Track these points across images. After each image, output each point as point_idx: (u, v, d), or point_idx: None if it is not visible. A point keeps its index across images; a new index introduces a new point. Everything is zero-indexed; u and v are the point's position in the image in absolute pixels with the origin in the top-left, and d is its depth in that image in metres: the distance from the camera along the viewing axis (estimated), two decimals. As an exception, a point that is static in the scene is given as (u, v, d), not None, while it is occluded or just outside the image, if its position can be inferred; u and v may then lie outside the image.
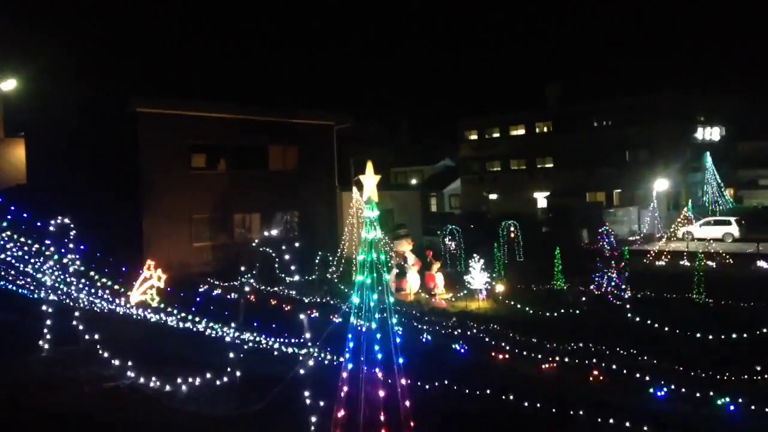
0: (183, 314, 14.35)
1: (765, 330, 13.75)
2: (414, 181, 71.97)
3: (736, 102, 62.67)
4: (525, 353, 12.95)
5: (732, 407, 9.70)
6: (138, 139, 25.51)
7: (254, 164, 29.43)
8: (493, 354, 13.10)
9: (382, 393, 8.02)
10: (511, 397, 10.23)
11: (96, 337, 13.12)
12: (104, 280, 15.34)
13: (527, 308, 17.84)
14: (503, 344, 13.59)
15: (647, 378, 11.01)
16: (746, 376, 11.08)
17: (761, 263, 25.67)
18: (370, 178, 8.32)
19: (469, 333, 14.88)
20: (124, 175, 25.90)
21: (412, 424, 8.04)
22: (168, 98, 27.05)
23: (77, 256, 15.11)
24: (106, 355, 12.66)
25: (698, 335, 13.97)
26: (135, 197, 25.45)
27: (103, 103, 27.34)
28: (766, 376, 11.05)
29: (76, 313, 13.49)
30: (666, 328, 14.60)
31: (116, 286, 15.88)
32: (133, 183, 25.50)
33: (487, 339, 14.26)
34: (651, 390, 10.56)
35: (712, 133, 60.18)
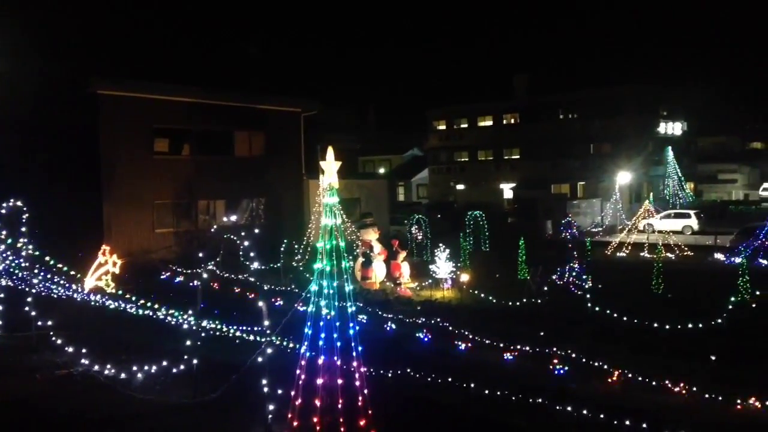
0: (141, 301, 14.06)
1: (720, 320, 14.06)
2: (382, 170, 71.93)
3: (698, 98, 64.04)
4: (487, 341, 13.02)
5: (686, 395, 9.89)
6: (99, 121, 24.88)
7: (219, 150, 28.96)
8: (455, 342, 13.14)
9: (339, 381, 7.96)
10: (472, 385, 10.28)
11: (49, 323, 12.77)
12: (59, 265, 14.94)
13: (491, 297, 17.96)
14: (466, 332, 13.64)
15: (605, 366, 11.16)
16: (701, 365, 11.31)
17: (718, 255, 26.27)
18: (331, 164, 8.20)
19: (432, 321, 14.91)
20: (84, 159, 25.24)
21: (369, 411, 7.99)
22: (130, 80, 26.38)
23: (30, 241, 14.67)
24: (59, 341, 12.33)
25: (656, 325, 14.22)
26: (95, 182, 24.85)
27: (63, 83, 26.53)
28: (720, 365, 11.28)
29: (29, 299, 13.09)
30: (625, 318, 14.83)
31: (72, 272, 15.48)
32: (93, 167, 24.88)
33: (450, 328, 14.29)
34: (608, 378, 10.72)
35: (674, 128, 61.35)
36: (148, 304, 13.82)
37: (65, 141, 26.06)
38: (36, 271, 14.80)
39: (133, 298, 14.48)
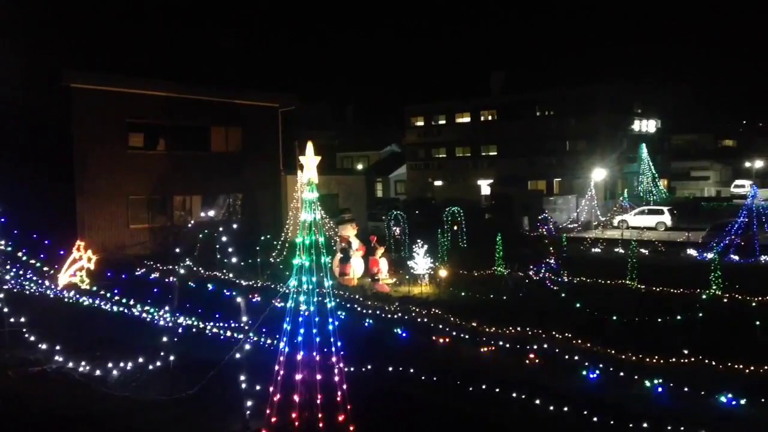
0: (116, 297, 13.90)
1: (692, 314, 14.30)
2: (360, 166, 71.81)
3: (672, 96, 65.02)
4: (465, 337, 13.10)
5: (660, 389, 10.06)
6: (72, 116, 24.53)
7: (195, 145, 28.69)
8: (433, 338, 13.20)
9: (318, 376, 7.95)
10: (449, 379, 10.34)
11: (22, 320, 12.55)
12: (32, 261, 14.70)
13: (468, 293, 18.05)
14: (444, 328, 13.71)
15: (581, 360, 11.29)
16: (674, 359, 11.50)
17: (691, 251, 26.71)
18: (310, 159, 8.18)
19: (409, 317, 14.94)
20: (57, 154, 24.85)
21: (349, 406, 8.00)
22: (104, 74, 26.02)
23: (1, 236, 14.42)
24: (32, 338, 12.13)
25: (630, 319, 14.42)
26: (69, 177, 24.49)
27: (35, 77, 26.07)
28: (692, 359, 11.48)
29: (1, 295, 12.84)
30: (599, 313, 15.00)
31: (45, 268, 15.23)
32: (66, 161, 24.52)
33: (428, 323, 14.34)
34: (584, 372, 10.85)
35: (648, 126, 62.18)
36: (124, 301, 13.67)
37: (37, 135, 25.61)
38: (8, 266, 14.55)
39: (108, 295, 14.32)
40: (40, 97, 25.63)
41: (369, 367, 10.82)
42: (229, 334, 12.61)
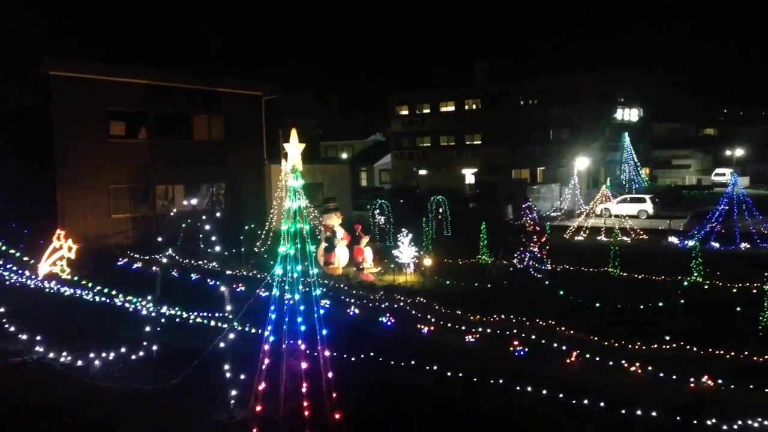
0: (98, 287, 13.75)
1: (673, 301, 14.45)
2: (344, 155, 71.54)
3: (654, 85, 65.40)
4: (449, 325, 13.14)
5: (641, 374, 10.16)
6: (52, 104, 24.13)
7: (178, 134, 28.37)
8: (418, 326, 13.22)
9: (304, 365, 7.93)
10: (434, 367, 10.37)
11: (1, 310, 12.37)
12: (12, 251, 14.50)
13: (453, 281, 18.09)
14: (428, 317, 13.74)
15: (564, 347, 11.38)
16: (656, 345, 11.62)
17: (672, 239, 26.98)
18: (294, 147, 8.11)
19: (395, 306, 14.96)
20: (37, 142, 24.48)
21: (334, 394, 7.99)
22: (85, 61, 25.61)
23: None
24: (12, 329, 11.97)
25: (612, 306, 14.54)
26: (49, 165, 24.15)
27: (14, 64, 25.62)
28: (673, 344, 11.61)
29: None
30: (582, 300, 15.11)
31: (25, 258, 15.03)
32: (46, 150, 24.15)
33: (413, 312, 14.36)
34: (566, 359, 10.93)
35: (630, 114, 62.51)
36: (106, 290, 13.53)
37: (17, 123, 25.22)
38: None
39: (90, 284, 14.17)
40: (19, 84, 25.21)
41: (354, 355, 10.81)
42: (212, 323, 12.54)
